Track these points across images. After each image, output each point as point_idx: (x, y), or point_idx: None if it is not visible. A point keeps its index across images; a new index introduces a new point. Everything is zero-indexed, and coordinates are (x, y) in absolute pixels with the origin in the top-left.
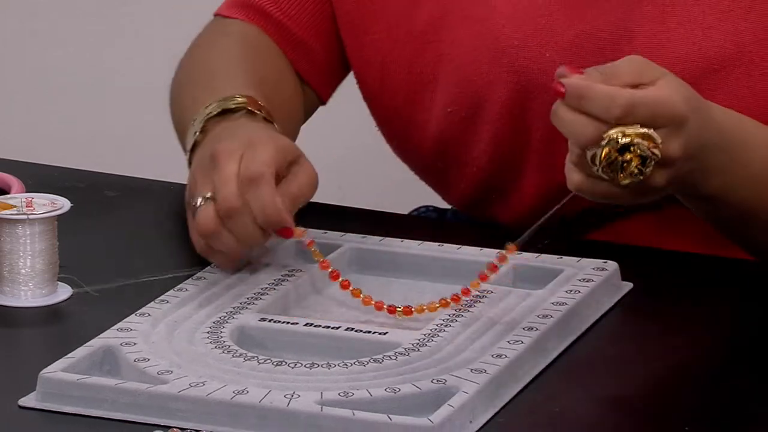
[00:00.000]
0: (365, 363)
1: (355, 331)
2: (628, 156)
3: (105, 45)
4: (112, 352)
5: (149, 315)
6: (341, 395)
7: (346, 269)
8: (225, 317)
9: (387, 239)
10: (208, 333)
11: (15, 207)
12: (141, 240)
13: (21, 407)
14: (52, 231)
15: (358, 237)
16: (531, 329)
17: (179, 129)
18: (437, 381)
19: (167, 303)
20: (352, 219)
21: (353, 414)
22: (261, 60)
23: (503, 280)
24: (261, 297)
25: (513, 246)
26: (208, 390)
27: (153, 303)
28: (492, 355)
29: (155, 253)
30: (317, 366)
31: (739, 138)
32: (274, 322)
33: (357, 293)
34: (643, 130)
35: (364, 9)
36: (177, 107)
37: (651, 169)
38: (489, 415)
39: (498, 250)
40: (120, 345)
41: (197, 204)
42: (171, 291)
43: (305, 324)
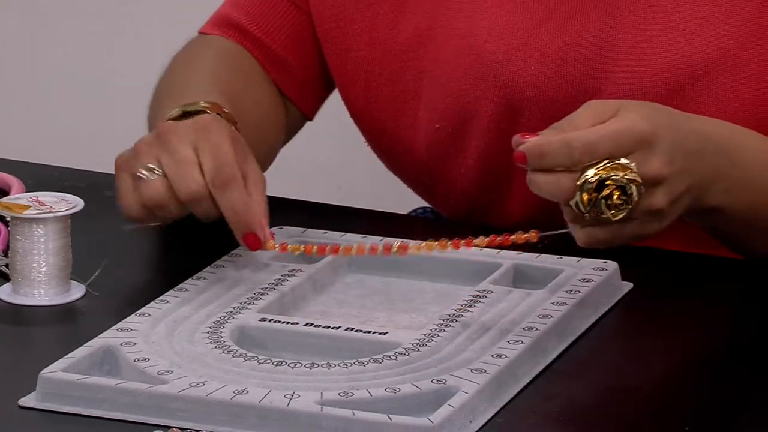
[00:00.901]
0: (365, 363)
1: (355, 331)
2: (606, 192)
3: (105, 45)
4: (112, 352)
5: (149, 315)
6: (341, 395)
7: (346, 269)
8: (225, 317)
9: (387, 239)
10: (208, 333)
11: (29, 207)
12: (141, 240)
13: (21, 407)
14: (67, 229)
15: (358, 237)
16: (531, 329)
17: None
18: (437, 381)
19: (167, 303)
20: (352, 219)
21: (353, 414)
22: (235, 73)
23: (503, 280)
24: (261, 297)
25: (535, 233)
26: (208, 390)
27: (153, 303)
28: (492, 355)
29: (155, 253)
30: (317, 366)
31: (729, 141)
32: (274, 322)
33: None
34: (612, 162)
35: (346, 28)
36: (150, 120)
37: (636, 194)
38: (489, 415)
39: (498, 250)
40: (120, 345)
41: (143, 176)
42: (171, 291)
43: (305, 324)
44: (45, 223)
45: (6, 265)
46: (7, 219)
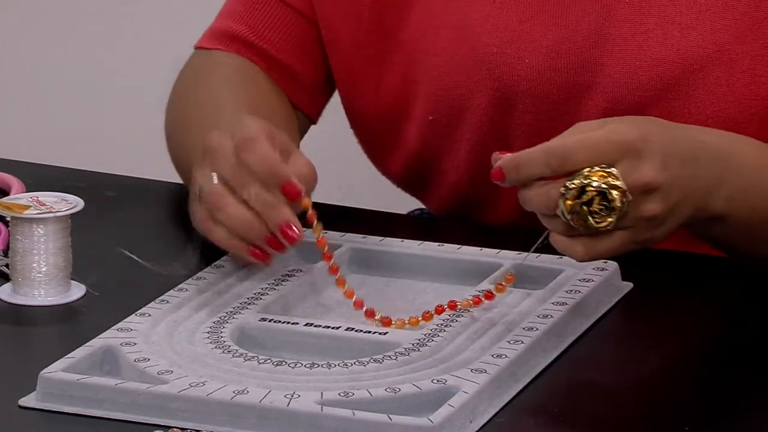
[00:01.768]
0: (365, 363)
1: (355, 331)
2: (586, 197)
3: (105, 45)
4: (112, 352)
5: (149, 315)
6: (341, 395)
7: (346, 269)
8: (225, 317)
9: (387, 239)
10: (208, 333)
11: (29, 207)
12: (141, 240)
13: (21, 407)
14: (67, 229)
15: (358, 237)
16: (531, 329)
17: (185, 166)
18: (437, 381)
19: (167, 303)
20: (352, 219)
21: (353, 414)
22: (256, 91)
23: (502, 280)
24: (261, 297)
25: (511, 277)
26: (208, 390)
27: (153, 303)
28: (492, 355)
29: (155, 253)
30: (317, 366)
31: (727, 147)
32: (274, 322)
33: (350, 294)
34: (593, 169)
35: (356, 25)
36: (180, 148)
37: (619, 201)
38: (489, 415)
39: (498, 250)
40: (120, 345)
41: (198, 191)
42: (171, 291)
43: (305, 324)
44: (45, 223)
45: (6, 265)
46: (7, 219)
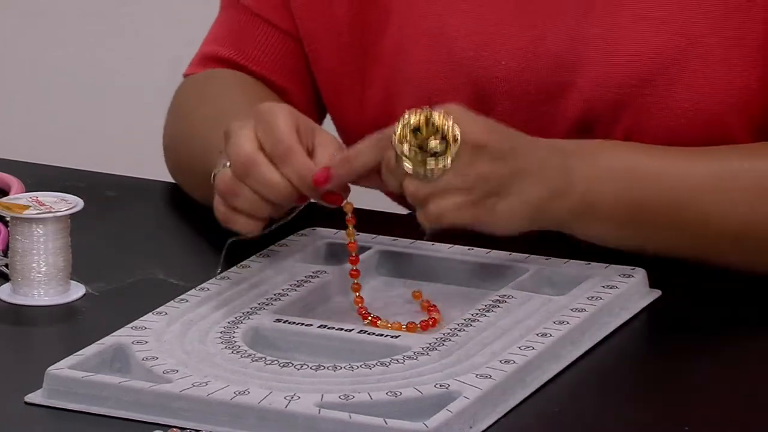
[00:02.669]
0: (371, 366)
1: (368, 334)
2: (421, 136)
3: (105, 45)
4: (123, 350)
5: (166, 314)
6: (341, 398)
7: (373, 272)
8: (241, 317)
9: (417, 242)
10: (221, 333)
11: (29, 207)
12: (141, 240)
13: (27, 404)
14: (67, 229)
15: (388, 239)
16: (545, 335)
17: (196, 170)
18: (440, 385)
19: (186, 302)
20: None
21: (350, 417)
22: (262, 91)
23: (526, 285)
24: (280, 298)
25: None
26: (209, 390)
27: (172, 301)
28: (500, 361)
29: (155, 253)
30: (323, 368)
31: (579, 143)
32: (288, 323)
33: (359, 301)
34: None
35: (337, 42)
36: (188, 158)
37: (452, 141)
38: (491, 421)
39: (527, 255)
40: (131, 343)
41: (214, 174)
42: (192, 290)
43: (319, 326)
44: (45, 223)
45: (6, 265)
46: (7, 219)
